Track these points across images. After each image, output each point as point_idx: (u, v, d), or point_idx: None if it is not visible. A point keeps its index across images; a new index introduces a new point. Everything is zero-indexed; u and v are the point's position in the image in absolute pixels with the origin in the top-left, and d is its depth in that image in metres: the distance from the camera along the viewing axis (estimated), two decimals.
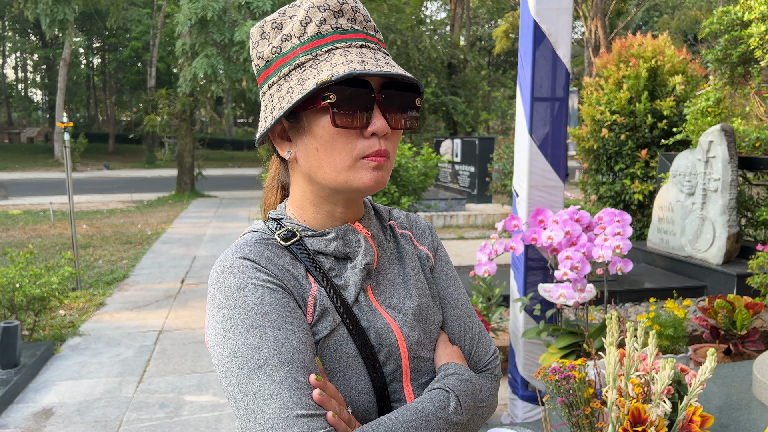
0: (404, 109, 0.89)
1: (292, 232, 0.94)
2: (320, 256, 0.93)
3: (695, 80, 6.33)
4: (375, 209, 1.06)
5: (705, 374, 1.22)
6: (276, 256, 0.90)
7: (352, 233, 0.95)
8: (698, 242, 4.98)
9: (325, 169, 0.88)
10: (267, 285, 0.85)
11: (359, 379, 0.89)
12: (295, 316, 0.84)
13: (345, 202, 0.94)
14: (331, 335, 0.88)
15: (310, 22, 0.87)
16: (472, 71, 22.83)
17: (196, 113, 17.11)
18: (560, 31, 2.95)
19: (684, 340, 3.09)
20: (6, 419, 3.49)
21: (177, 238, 9.73)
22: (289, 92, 0.86)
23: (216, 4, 12.50)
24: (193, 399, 3.76)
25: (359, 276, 0.93)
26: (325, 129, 0.86)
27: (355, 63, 0.83)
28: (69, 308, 5.70)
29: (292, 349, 0.80)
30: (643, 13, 31.19)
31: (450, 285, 1.06)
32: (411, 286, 0.99)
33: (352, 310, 0.91)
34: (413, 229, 1.09)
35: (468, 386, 0.93)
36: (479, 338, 1.04)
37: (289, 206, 0.98)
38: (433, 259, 1.07)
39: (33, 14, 16.99)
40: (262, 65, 0.92)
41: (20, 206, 13.89)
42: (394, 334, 0.92)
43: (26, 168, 26.65)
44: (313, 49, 0.86)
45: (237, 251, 0.88)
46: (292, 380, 0.78)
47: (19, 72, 49.94)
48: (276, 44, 0.89)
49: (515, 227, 2.93)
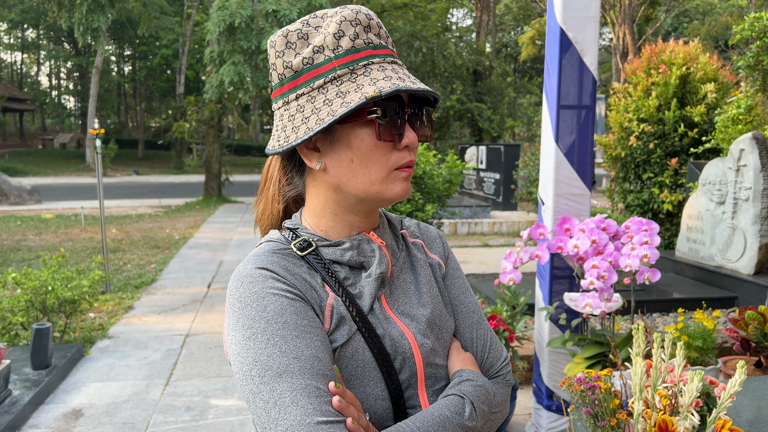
0: (425, 122, 0.95)
1: (308, 242, 0.95)
2: (335, 266, 0.95)
3: (726, 87, 6.22)
4: (387, 219, 1.08)
5: (735, 387, 1.20)
6: (293, 266, 0.92)
7: (367, 243, 0.97)
8: (729, 252, 4.89)
9: (358, 179, 0.91)
10: (286, 294, 0.86)
11: (375, 386, 0.90)
12: (314, 325, 0.86)
13: (365, 212, 0.97)
14: (348, 343, 0.90)
15: (343, 35, 0.89)
16: (498, 78, 22.75)
17: (224, 120, 17.34)
18: (587, 38, 2.93)
19: (713, 351, 3.03)
20: (37, 419, 3.57)
21: (204, 243, 9.85)
22: (327, 104, 0.87)
23: (244, 11, 12.68)
24: (218, 403, 3.80)
25: (374, 285, 0.94)
26: (363, 141, 0.89)
27: (395, 79, 0.87)
28: (99, 311, 5.81)
29: (311, 357, 0.82)
30: (673, 19, 30.76)
31: (461, 293, 1.08)
32: (424, 294, 1.01)
33: (368, 318, 0.92)
34: (424, 238, 1.11)
35: (482, 392, 0.95)
36: (491, 344, 1.06)
37: (306, 216, 0.99)
38: (445, 267, 1.09)
39: (67, 23, 17.42)
40: (289, 75, 0.92)
41: (53, 210, 14.21)
42: (408, 341, 0.94)
43: (59, 173, 27.26)
44: (350, 63, 0.88)
45: (255, 261, 0.90)
46: (312, 387, 0.80)
47: (53, 79, 51.23)
48: (307, 55, 0.90)
49: (541, 235, 2.91)
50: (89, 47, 34.33)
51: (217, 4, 13.08)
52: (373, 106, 0.87)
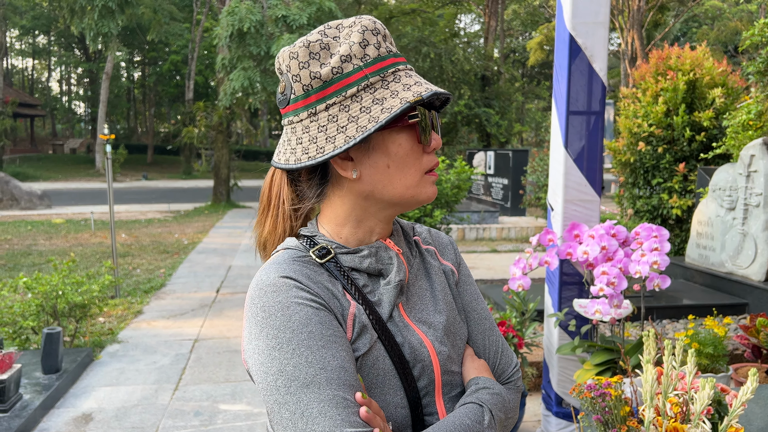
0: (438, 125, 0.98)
1: (327, 249, 0.94)
2: (354, 273, 0.95)
3: (736, 93, 6.19)
4: (400, 225, 1.08)
5: (746, 395, 1.20)
6: (315, 274, 0.91)
7: (384, 250, 0.97)
8: (739, 258, 4.86)
9: (395, 185, 0.93)
10: (311, 304, 0.86)
11: (395, 394, 0.90)
12: (338, 335, 0.86)
13: (387, 219, 0.98)
14: (369, 352, 0.90)
15: (368, 44, 0.91)
16: (506, 83, 22.75)
17: (233, 125, 17.42)
18: (596, 44, 2.93)
19: (724, 359, 3.01)
20: (47, 423, 3.59)
21: (213, 248, 9.89)
22: (365, 112, 0.87)
23: (253, 16, 12.75)
24: (227, 407, 3.81)
25: (393, 292, 0.94)
26: (401, 146, 0.91)
27: (424, 84, 0.90)
28: (108, 316, 5.84)
29: (337, 368, 0.82)
30: (682, 24, 30.66)
31: (473, 299, 1.08)
32: (439, 302, 1.01)
33: (387, 326, 0.92)
34: (436, 244, 1.11)
35: (499, 400, 0.96)
36: (502, 351, 1.06)
37: (324, 224, 0.98)
38: (457, 273, 1.09)
39: (78, 28, 17.58)
40: (317, 85, 0.90)
41: (63, 215, 14.30)
42: (427, 349, 0.94)
43: (69, 178, 27.45)
44: (380, 70, 0.90)
45: (278, 270, 0.89)
46: (340, 398, 0.80)
47: (63, 85, 51.66)
48: (335, 64, 0.89)
49: (550, 241, 2.91)
50: (99, 53, 34.61)
51: (226, 10, 13.16)
52: (413, 111, 0.90)
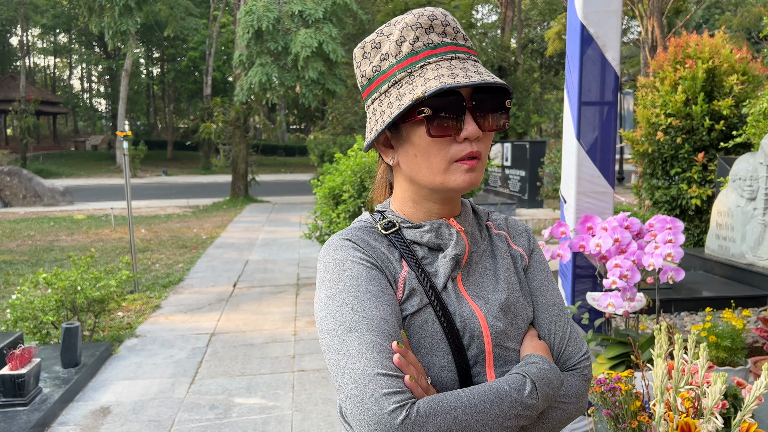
0: (494, 111, 0.98)
1: (393, 222, 1.05)
2: (415, 246, 1.03)
3: (757, 80, 6.06)
4: (474, 210, 1.14)
5: (760, 389, 1.17)
6: (375, 241, 1.02)
7: (446, 227, 1.04)
8: (760, 249, 4.76)
9: (423, 172, 0.98)
10: (363, 262, 0.96)
11: (443, 357, 0.96)
12: (385, 291, 0.95)
13: (442, 201, 1.04)
14: (418, 313, 0.97)
15: (404, 41, 0.97)
16: (524, 74, 22.53)
17: (250, 120, 17.49)
18: (609, 33, 2.88)
19: (743, 352, 2.95)
20: (66, 416, 3.65)
21: (230, 242, 9.96)
22: (389, 107, 0.96)
23: (270, 14, 12.78)
24: (242, 401, 3.84)
25: (449, 265, 1.01)
26: (422, 138, 0.96)
27: (446, 77, 0.92)
28: (127, 310, 5.92)
29: (378, 318, 0.90)
30: (704, 11, 30.09)
31: (543, 285, 1.11)
32: (500, 281, 1.06)
33: (441, 295, 1.00)
34: (510, 230, 1.16)
35: (546, 374, 0.97)
36: (570, 337, 1.08)
37: (393, 202, 1.09)
38: (528, 259, 1.13)
39: (97, 27, 17.75)
40: (365, 83, 1.02)
41: (84, 211, 14.52)
42: (478, 320, 1.00)
43: (90, 174, 27.84)
44: (408, 66, 0.96)
45: (343, 234, 1.02)
46: (377, 344, 0.88)
47: (84, 83, 52.31)
48: (376, 63, 1.00)
49: (563, 234, 2.87)
50: (119, 50, 34.95)
51: (244, 9, 13.20)
52: (422, 106, 0.92)
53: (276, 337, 5.07)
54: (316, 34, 12.96)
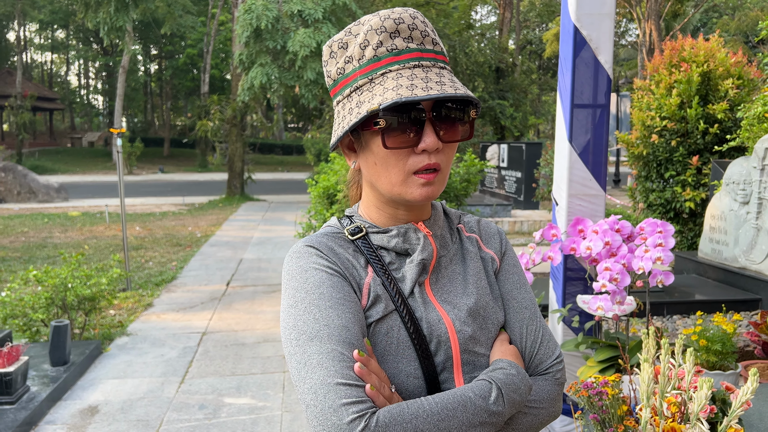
0: (456, 123, 0.94)
1: (360, 228, 1.03)
2: (382, 251, 1.02)
3: (752, 84, 6.06)
4: (446, 213, 1.13)
5: (746, 395, 1.16)
6: (339, 247, 1.00)
7: (413, 231, 1.02)
8: (752, 253, 4.76)
9: (382, 181, 0.97)
10: (326, 270, 0.95)
11: (409, 364, 0.95)
12: (348, 299, 0.93)
13: (405, 207, 1.02)
14: (384, 320, 0.96)
15: (367, 45, 0.94)
16: (521, 75, 22.54)
17: (247, 119, 17.46)
18: (602, 36, 2.87)
19: (733, 356, 2.95)
20: (54, 415, 3.63)
21: (225, 241, 9.94)
22: (350, 113, 0.94)
23: (270, 12, 12.76)
24: (231, 401, 3.82)
25: (415, 270, 0.99)
26: (379, 147, 0.94)
27: (404, 88, 0.89)
28: (118, 308, 5.90)
29: (340, 326, 0.89)
30: (702, 14, 30.14)
31: (515, 288, 1.09)
32: (470, 285, 1.04)
33: (407, 300, 0.98)
34: (482, 233, 1.14)
35: (513, 380, 0.95)
36: (542, 341, 1.06)
37: (361, 206, 1.08)
38: (499, 262, 1.11)
39: (93, 23, 17.70)
40: (330, 83, 1.01)
41: (79, 208, 14.47)
42: (445, 326, 0.98)
43: (86, 171, 27.76)
44: (370, 72, 0.94)
45: (307, 240, 1.00)
46: (337, 353, 0.87)
47: (81, 79, 52.16)
48: (340, 65, 0.98)
49: (554, 236, 2.86)
50: (116, 47, 34.86)
51: (243, 7, 13.17)
52: (377, 117, 0.90)
53: (268, 337, 5.05)
54: (314, 34, 12.94)
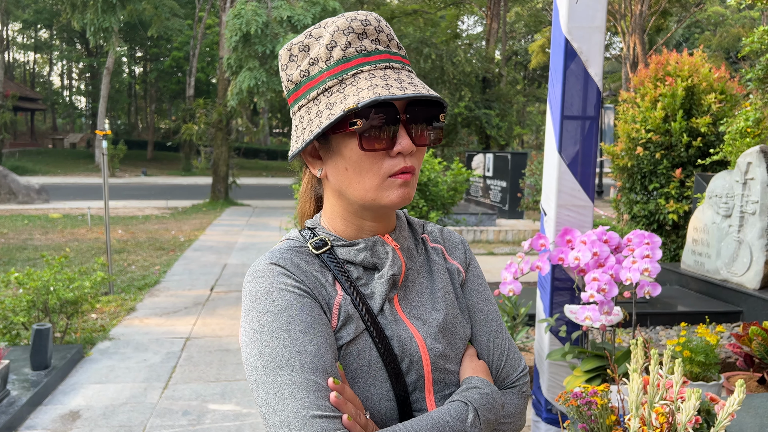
0: (428, 126, 0.92)
1: (324, 241, 0.98)
2: (349, 266, 0.97)
3: (734, 99, 6.17)
4: (409, 222, 1.09)
5: (733, 405, 1.18)
6: (305, 263, 0.94)
7: (381, 245, 0.98)
8: (734, 266, 4.84)
9: (354, 187, 0.92)
10: (294, 290, 0.89)
11: (381, 386, 0.91)
12: (319, 321, 0.88)
13: (373, 217, 0.98)
14: (355, 341, 0.91)
15: (335, 45, 0.90)
16: (507, 86, 22.72)
17: (233, 123, 17.38)
18: (592, 49, 2.91)
19: (716, 367, 2.99)
20: (34, 420, 3.56)
21: (209, 245, 9.86)
22: (318, 116, 0.89)
23: (259, 18, 12.74)
24: (216, 407, 3.78)
25: (385, 286, 0.95)
26: (353, 151, 0.90)
27: (380, 87, 0.86)
28: (101, 312, 5.82)
29: (312, 353, 0.84)
30: (684, 29, 30.65)
31: (480, 300, 1.07)
32: (438, 299, 1.01)
33: (377, 318, 0.94)
34: (446, 243, 1.11)
35: (488, 400, 0.94)
36: (508, 354, 1.05)
37: (323, 217, 1.02)
38: (465, 273, 1.09)
39: (80, 23, 17.54)
40: (291, 87, 0.95)
41: (60, 210, 14.28)
42: (417, 344, 0.94)
43: (68, 173, 27.42)
44: (339, 73, 0.90)
45: (269, 257, 0.93)
46: (311, 382, 0.82)
47: (64, 79, 51.62)
48: (304, 67, 0.93)
49: (542, 246, 2.88)
50: (101, 48, 34.55)
51: (232, 12, 13.14)
52: (354, 118, 0.86)
53: None
54: None
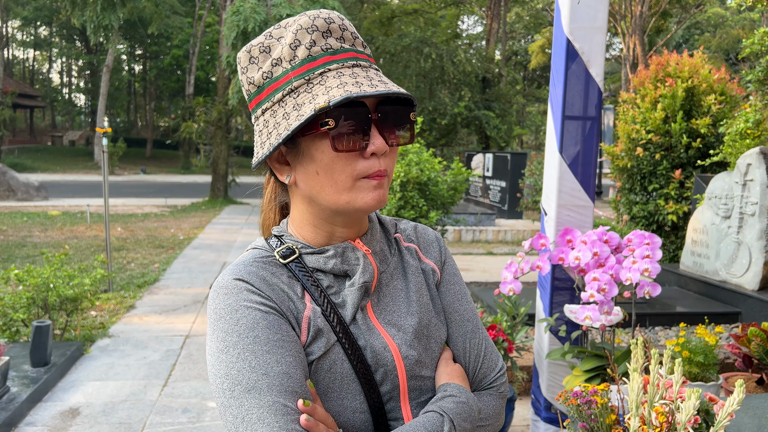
0: (399, 125, 0.89)
1: (292, 249, 0.93)
2: (319, 274, 0.93)
3: (734, 100, 6.19)
4: (381, 222, 1.05)
5: (733, 405, 1.18)
6: (272, 275, 0.90)
7: (352, 251, 0.94)
8: (733, 267, 4.85)
9: (326, 191, 0.88)
10: (259, 308, 0.85)
11: (354, 399, 0.88)
12: (287, 339, 0.84)
13: (344, 222, 0.94)
14: (326, 356, 0.88)
15: (299, 45, 0.86)
16: (507, 86, 22.74)
17: (232, 121, 17.38)
18: (593, 49, 2.92)
19: (715, 367, 3.00)
20: (34, 417, 3.57)
21: (208, 243, 9.86)
22: (285, 118, 0.85)
23: (258, 15, 12.75)
24: (215, 405, 3.78)
25: (357, 294, 0.91)
26: (324, 153, 0.85)
27: (350, 85, 0.82)
28: (100, 309, 5.82)
29: (281, 374, 0.81)
30: (684, 31, 30.68)
31: (456, 300, 1.04)
32: (413, 303, 0.97)
33: (349, 329, 0.90)
34: (420, 241, 1.07)
35: (464, 409, 0.91)
36: (485, 354, 1.02)
37: (291, 224, 0.98)
38: (440, 273, 1.05)
39: (80, 21, 17.52)
40: (253, 90, 0.90)
41: (59, 207, 14.27)
42: (391, 353, 0.91)
43: (67, 170, 27.40)
44: (306, 72, 0.86)
45: (233, 272, 0.89)
46: (279, 405, 0.79)
47: (64, 77, 51.57)
48: (266, 69, 0.88)
49: (542, 246, 2.89)
50: (101, 45, 34.53)
51: (231, 9, 13.15)
52: (325, 117, 0.82)
53: None
54: None
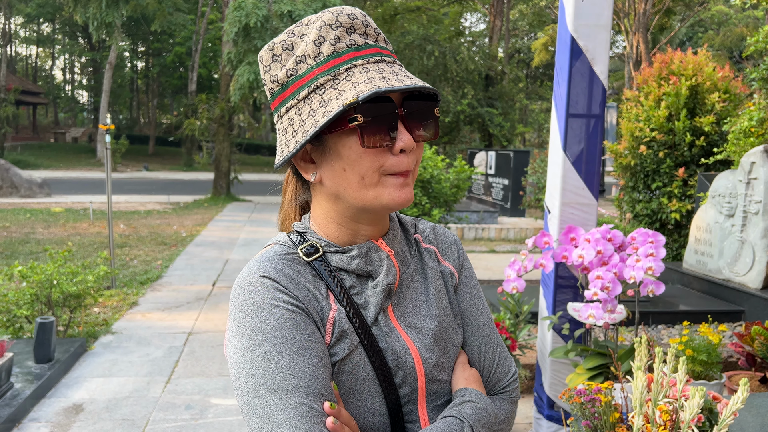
0: (425, 121, 0.88)
1: (315, 247, 0.92)
2: (342, 273, 0.92)
3: (738, 98, 6.17)
4: (401, 221, 1.04)
5: (737, 404, 1.18)
6: (297, 273, 0.89)
7: (375, 251, 0.94)
8: (737, 265, 4.84)
9: (353, 187, 0.87)
10: (287, 307, 0.84)
11: (374, 400, 0.89)
12: (313, 340, 0.84)
13: (370, 221, 0.93)
14: (348, 357, 0.88)
15: (324, 41, 0.86)
16: (510, 83, 22.70)
17: (234, 118, 17.39)
18: (598, 47, 2.91)
19: (718, 366, 2.99)
20: (38, 413, 3.58)
21: (211, 240, 9.87)
22: (312, 115, 0.84)
23: (259, 11, 12.75)
24: (218, 402, 3.80)
25: (380, 296, 0.91)
26: (351, 149, 0.85)
27: (377, 80, 0.82)
28: (103, 306, 5.83)
29: (307, 375, 0.81)
30: (687, 28, 30.60)
31: (473, 304, 1.04)
32: (432, 306, 0.98)
33: (371, 330, 0.90)
34: (439, 243, 1.07)
35: (483, 415, 0.92)
36: (499, 359, 1.03)
37: (314, 221, 0.97)
38: (458, 276, 1.05)
39: (82, 18, 17.53)
40: (277, 89, 0.90)
41: (62, 204, 14.29)
42: (411, 357, 0.92)
43: (70, 167, 27.44)
44: (331, 69, 0.85)
45: (259, 268, 0.88)
46: (306, 407, 0.79)
47: (66, 74, 51.61)
48: (290, 66, 0.88)
49: (546, 244, 2.89)
50: (103, 42, 34.56)
51: (233, 5, 13.15)
52: (353, 113, 0.81)
53: None
54: None
